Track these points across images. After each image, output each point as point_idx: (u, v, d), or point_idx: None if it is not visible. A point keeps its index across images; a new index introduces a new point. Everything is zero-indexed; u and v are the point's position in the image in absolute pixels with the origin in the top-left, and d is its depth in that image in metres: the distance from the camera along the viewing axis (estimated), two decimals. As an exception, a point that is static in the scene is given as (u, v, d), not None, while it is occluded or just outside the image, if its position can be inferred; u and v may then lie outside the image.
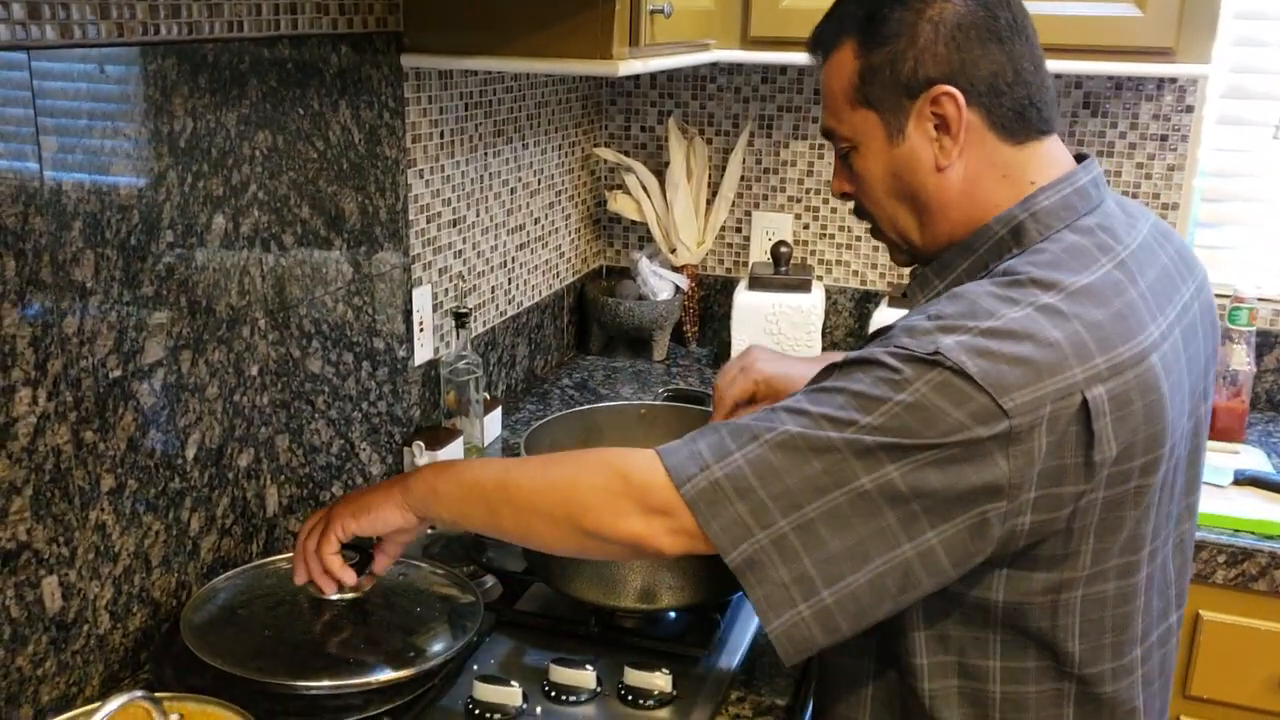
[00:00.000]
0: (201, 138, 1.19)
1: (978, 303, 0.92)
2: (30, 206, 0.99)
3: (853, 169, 1.07)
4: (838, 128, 1.06)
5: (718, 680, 1.18)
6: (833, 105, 1.06)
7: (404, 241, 1.61)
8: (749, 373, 1.35)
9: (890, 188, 1.05)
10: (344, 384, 1.50)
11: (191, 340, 1.21)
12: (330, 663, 1.07)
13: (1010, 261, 0.98)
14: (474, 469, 1.06)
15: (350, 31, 1.43)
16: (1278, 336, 2.01)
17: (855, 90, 1.03)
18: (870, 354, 0.91)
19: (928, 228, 1.05)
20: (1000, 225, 1.01)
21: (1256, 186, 2.05)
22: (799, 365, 1.38)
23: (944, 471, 0.87)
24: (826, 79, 1.07)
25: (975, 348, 0.88)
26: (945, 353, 0.87)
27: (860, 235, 2.25)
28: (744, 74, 2.24)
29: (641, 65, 1.48)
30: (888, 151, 1.03)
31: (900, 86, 1.00)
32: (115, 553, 1.13)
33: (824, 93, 1.08)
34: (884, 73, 1.01)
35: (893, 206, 1.06)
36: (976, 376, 0.86)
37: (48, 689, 1.07)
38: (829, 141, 1.10)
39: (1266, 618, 1.58)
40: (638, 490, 0.95)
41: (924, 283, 1.06)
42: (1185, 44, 1.68)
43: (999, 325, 0.89)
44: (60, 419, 1.04)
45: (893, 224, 1.07)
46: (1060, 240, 0.98)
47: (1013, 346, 0.88)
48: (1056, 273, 0.93)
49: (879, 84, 1.01)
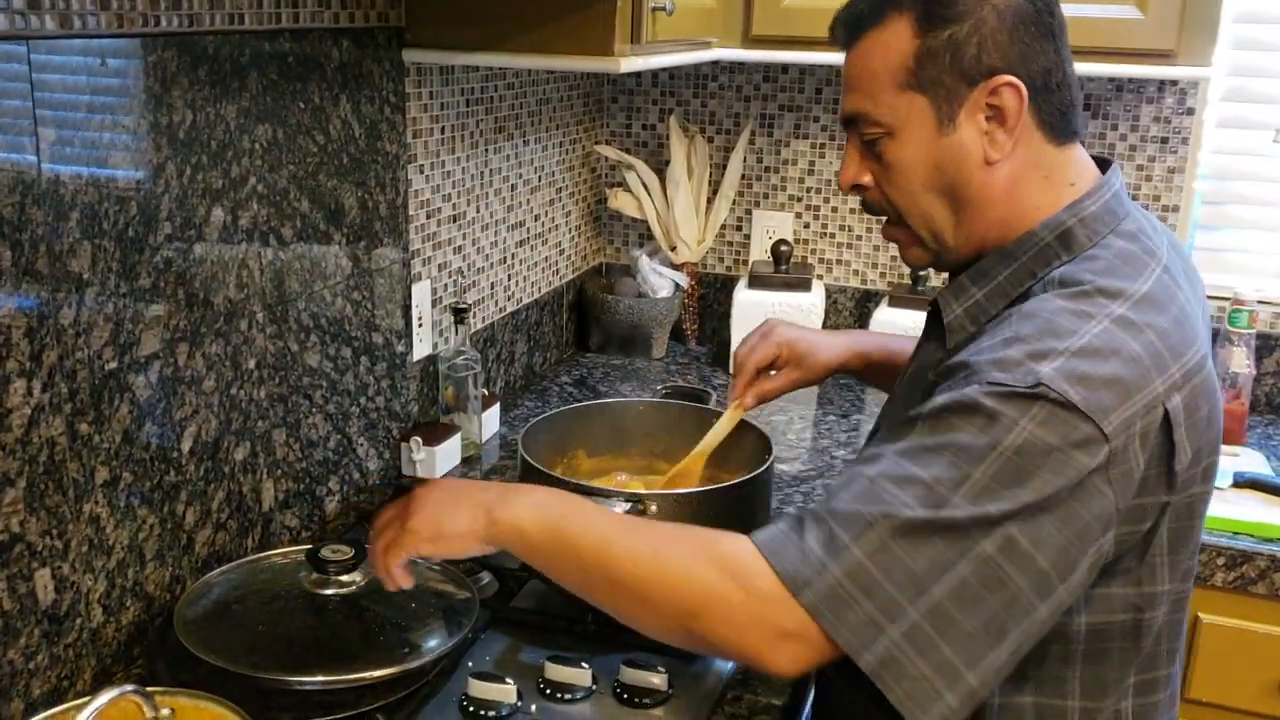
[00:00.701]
0: (201, 130, 1.19)
1: (1055, 320, 0.88)
2: (27, 197, 0.99)
3: (881, 158, 1.00)
4: (871, 111, 0.98)
5: (714, 679, 1.18)
6: (868, 86, 0.98)
7: (404, 237, 1.61)
8: (770, 337, 1.34)
9: (930, 179, 0.98)
10: (342, 379, 1.50)
11: (188, 333, 1.20)
12: (324, 658, 1.07)
13: (1064, 269, 0.94)
14: (571, 522, 0.95)
15: (352, 26, 1.43)
16: (1278, 339, 2.00)
17: (907, 72, 0.96)
18: (965, 398, 0.85)
19: (963, 225, 0.99)
20: (1048, 232, 0.97)
21: (1257, 189, 2.05)
22: (819, 334, 1.38)
23: (1059, 517, 0.83)
24: (862, 57, 0.99)
25: (1073, 374, 0.84)
26: (1048, 384, 0.83)
27: (861, 235, 2.24)
28: (745, 73, 2.24)
29: (643, 63, 1.47)
30: (934, 141, 0.97)
31: (961, 72, 0.95)
32: (109, 546, 1.12)
33: (854, 72, 1.00)
34: (943, 56, 0.95)
35: (928, 200, 0.99)
36: (1080, 405, 0.83)
37: (39, 682, 1.06)
38: (849, 128, 1.02)
39: (1266, 621, 1.58)
40: (755, 603, 0.86)
41: (960, 291, 1.01)
42: (1186, 46, 1.68)
43: (1085, 344, 0.86)
44: (55, 410, 1.04)
45: (925, 219, 1.00)
46: (1110, 246, 0.95)
47: (1103, 366, 0.84)
48: (1118, 280, 0.91)
49: (936, 67, 0.95)
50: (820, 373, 1.36)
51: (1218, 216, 2.10)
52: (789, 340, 1.34)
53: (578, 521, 0.95)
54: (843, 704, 1.16)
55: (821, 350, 1.36)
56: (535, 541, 0.97)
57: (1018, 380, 0.84)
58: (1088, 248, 0.96)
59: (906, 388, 1.09)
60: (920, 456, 0.85)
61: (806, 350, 1.34)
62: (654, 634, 0.94)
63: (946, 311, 1.02)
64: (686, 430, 1.45)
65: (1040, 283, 0.96)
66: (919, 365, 1.09)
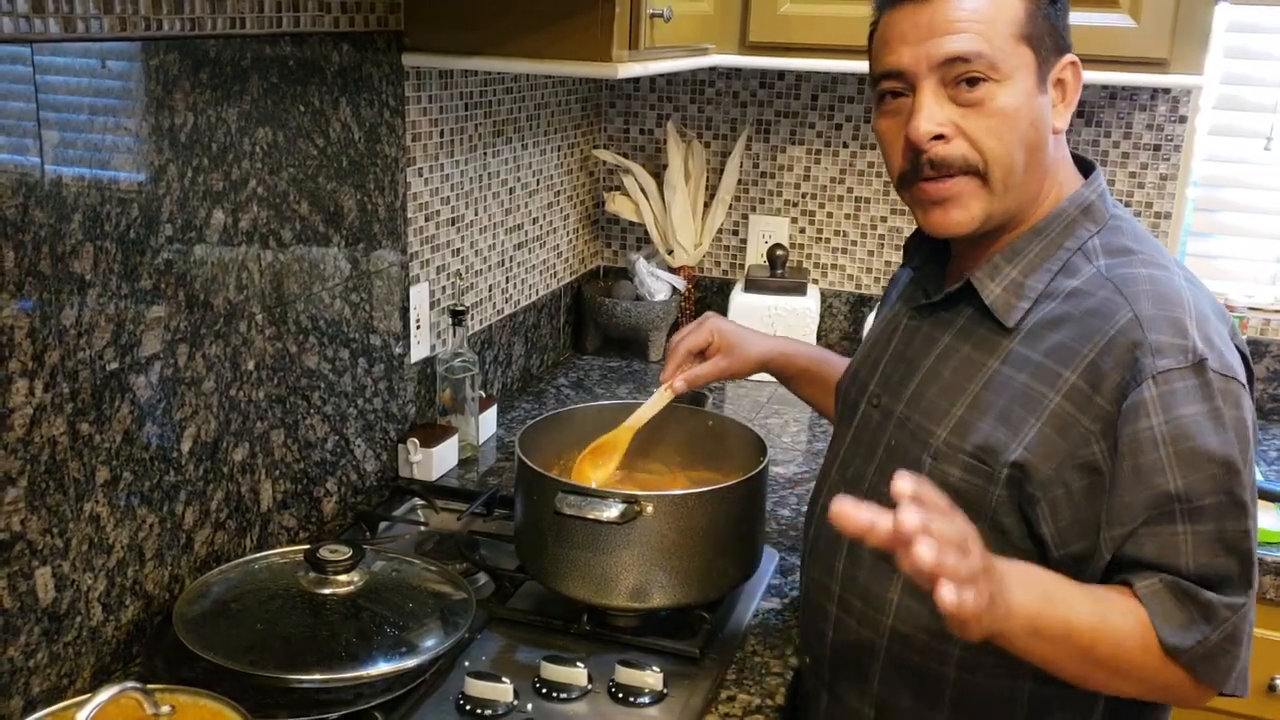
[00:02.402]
0: (202, 133, 1.20)
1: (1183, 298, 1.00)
2: (30, 199, 0.99)
3: (982, 104, 1.00)
4: (987, 51, 0.99)
5: (708, 679, 1.19)
6: (985, 29, 0.99)
7: (402, 239, 1.62)
8: (704, 325, 1.39)
9: (1025, 132, 1.01)
10: (340, 380, 1.50)
11: (189, 334, 1.21)
12: (322, 657, 1.08)
13: (1101, 239, 1.05)
14: (1071, 625, 0.92)
15: (351, 30, 1.44)
16: (1267, 346, 2.02)
17: (1022, 24, 1.01)
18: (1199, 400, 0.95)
19: (1027, 186, 1.04)
20: (1074, 207, 1.06)
21: (1248, 196, 2.07)
22: (752, 331, 1.43)
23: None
24: (975, 0, 1.00)
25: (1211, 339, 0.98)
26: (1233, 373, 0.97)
27: (856, 240, 2.26)
28: (742, 79, 2.25)
29: (640, 68, 1.48)
30: (1034, 96, 1.02)
31: (1057, 40, 1.03)
32: (109, 545, 1.13)
33: (968, 13, 0.99)
34: (1050, 20, 1.03)
35: (1018, 153, 1.01)
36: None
37: (39, 680, 1.07)
38: (939, 71, 1.00)
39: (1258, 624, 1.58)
40: (1171, 691, 0.97)
41: (994, 271, 1.06)
42: (1179, 55, 1.69)
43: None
44: (57, 410, 1.05)
45: (1010, 170, 1.02)
46: (1122, 218, 1.08)
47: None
48: (1151, 246, 1.06)
49: (1044, 30, 1.02)
50: (747, 366, 1.41)
51: (1209, 224, 2.11)
52: (720, 330, 1.39)
53: (1065, 615, 0.93)
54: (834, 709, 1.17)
55: (751, 345, 1.41)
56: (1039, 644, 0.93)
57: (1181, 361, 0.95)
58: (1107, 219, 1.06)
59: (947, 377, 1.08)
60: (1210, 495, 0.94)
61: (736, 342, 1.39)
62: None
63: (986, 293, 1.06)
64: (682, 432, 1.46)
65: (1078, 253, 1.05)
66: (949, 353, 1.09)
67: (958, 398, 1.05)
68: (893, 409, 1.12)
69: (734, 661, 1.23)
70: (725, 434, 1.42)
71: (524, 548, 1.32)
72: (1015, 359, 1.03)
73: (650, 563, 1.20)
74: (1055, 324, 1.01)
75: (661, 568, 1.21)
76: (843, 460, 1.19)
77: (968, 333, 1.08)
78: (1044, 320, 1.02)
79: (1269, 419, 2.04)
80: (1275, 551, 1.57)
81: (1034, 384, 1.00)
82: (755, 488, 1.28)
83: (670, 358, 1.39)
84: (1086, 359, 0.98)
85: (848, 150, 2.22)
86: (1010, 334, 1.04)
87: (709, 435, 1.44)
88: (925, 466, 1.05)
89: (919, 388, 1.10)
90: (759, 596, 1.37)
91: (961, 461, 1.03)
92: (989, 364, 1.04)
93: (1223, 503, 0.93)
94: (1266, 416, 2.04)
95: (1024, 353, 1.02)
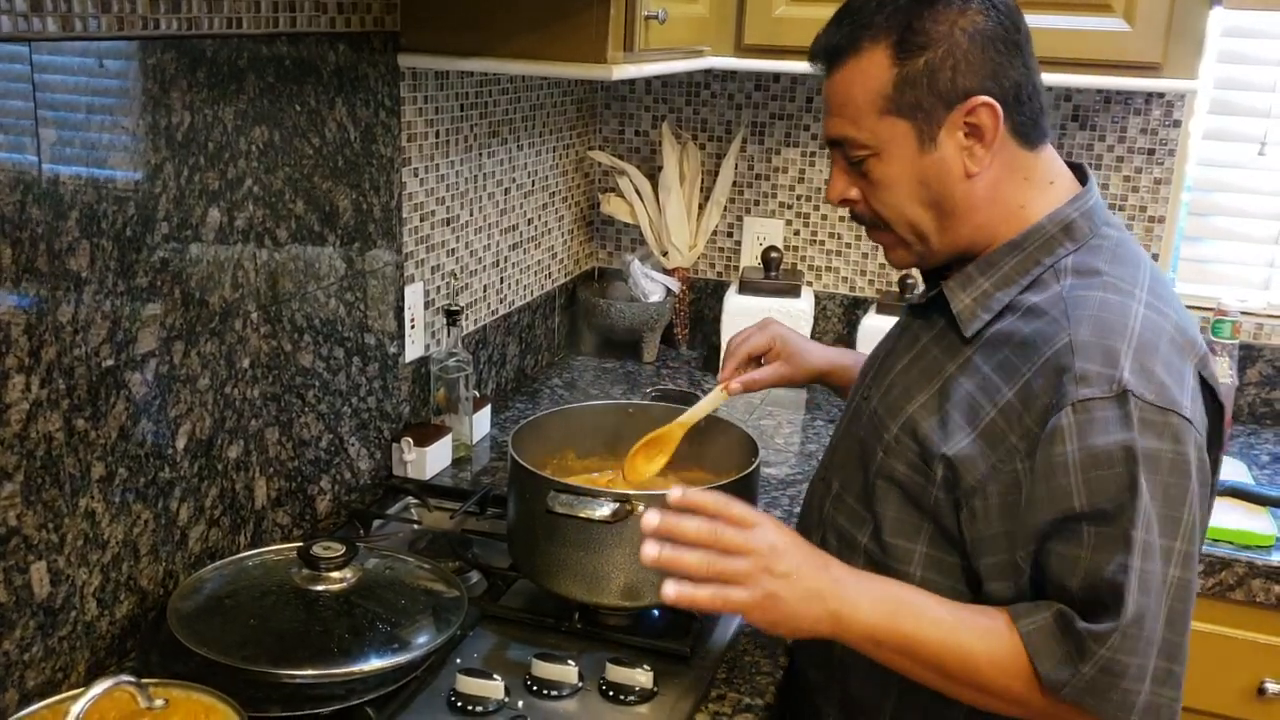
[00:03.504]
0: (198, 132, 1.20)
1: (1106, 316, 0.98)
2: (28, 196, 1.00)
3: (868, 176, 1.05)
4: (855, 135, 1.04)
5: (699, 677, 1.20)
6: (850, 112, 1.03)
7: (397, 239, 1.63)
8: (766, 330, 1.40)
9: (914, 193, 1.04)
10: (334, 379, 1.51)
11: (184, 332, 1.22)
12: (315, 652, 1.08)
13: (1075, 258, 1.03)
14: (906, 624, 0.97)
15: (348, 30, 1.45)
16: (1260, 350, 2.03)
17: (886, 99, 1.01)
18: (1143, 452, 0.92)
19: (948, 231, 1.06)
20: (1053, 225, 1.05)
21: (1241, 201, 2.08)
22: (811, 341, 1.44)
23: (1202, 510, 0.98)
24: (842, 85, 1.04)
25: (1145, 370, 0.96)
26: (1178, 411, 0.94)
27: (850, 242, 2.27)
28: (737, 81, 2.26)
29: (636, 70, 1.49)
30: (917, 160, 1.02)
31: (938, 96, 1.00)
32: (104, 540, 1.14)
33: (837, 99, 1.05)
34: (921, 82, 1.00)
35: (914, 212, 1.05)
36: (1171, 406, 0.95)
37: (33, 674, 1.07)
38: (835, 149, 1.07)
39: (1243, 627, 1.60)
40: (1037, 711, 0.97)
41: (967, 282, 1.07)
42: (1173, 59, 1.70)
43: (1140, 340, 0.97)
44: (53, 406, 1.05)
45: (911, 228, 1.07)
46: (1107, 236, 1.05)
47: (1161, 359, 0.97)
48: (1125, 267, 1.03)
49: (915, 92, 1.00)
50: (805, 374, 1.42)
51: (1203, 228, 2.12)
52: (782, 336, 1.40)
53: (911, 628, 0.97)
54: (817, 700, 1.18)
55: (811, 353, 1.42)
56: (885, 657, 0.99)
57: (1104, 391, 0.93)
58: (1089, 238, 1.04)
59: (913, 375, 1.10)
60: (1098, 540, 0.93)
61: (796, 350, 1.40)
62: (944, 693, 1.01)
63: (955, 302, 1.07)
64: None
65: (1050, 270, 1.03)
66: (923, 353, 1.11)
67: (915, 396, 1.08)
68: (871, 401, 1.15)
69: (724, 660, 1.24)
70: (718, 435, 1.43)
71: (516, 546, 1.32)
72: (968, 367, 1.04)
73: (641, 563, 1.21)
74: (1007, 339, 1.02)
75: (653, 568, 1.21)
76: (832, 448, 1.23)
77: (940, 336, 1.10)
78: (999, 334, 1.03)
79: (1261, 423, 2.05)
80: (1264, 555, 1.58)
81: (977, 394, 1.01)
82: (747, 488, 1.29)
83: (729, 359, 1.39)
84: (1024, 378, 0.98)
85: (843, 153, 2.23)
86: (970, 343, 1.05)
87: (701, 436, 1.44)
88: (877, 459, 1.09)
89: (890, 384, 1.13)
90: (750, 596, 1.37)
91: (906, 458, 1.06)
92: (947, 368, 1.06)
93: (1113, 536, 0.92)
94: (1259, 421, 2.05)
95: (977, 362, 1.04)
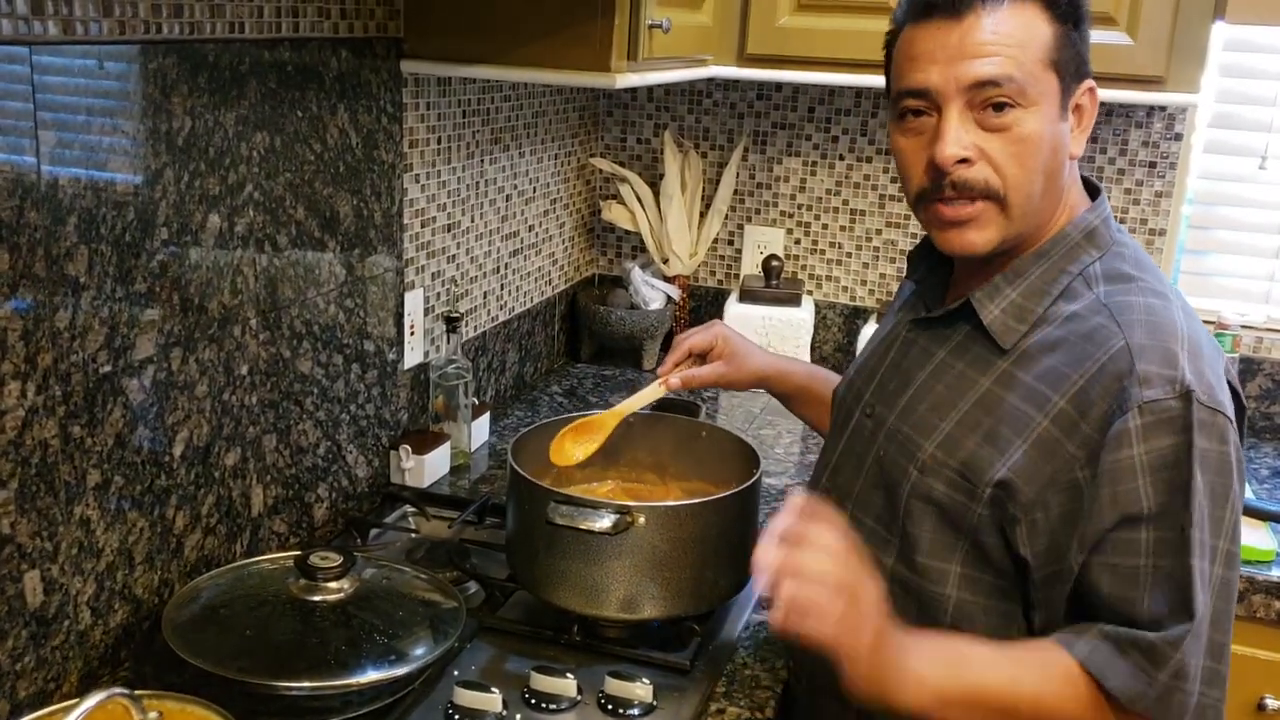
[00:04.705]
0: (199, 137, 1.19)
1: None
2: (26, 200, 0.99)
3: (1009, 129, 0.99)
4: (1018, 76, 0.98)
5: (698, 691, 1.19)
6: (1016, 53, 0.99)
7: (398, 245, 1.62)
8: (711, 329, 1.41)
9: (1047, 158, 1.01)
10: (333, 385, 1.50)
11: (182, 338, 1.21)
12: (311, 664, 1.07)
13: (1102, 264, 1.04)
14: (983, 690, 0.95)
15: (351, 36, 1.44)
16: (1260, 364, 2.03)
17: (1050, 49, 1.00)
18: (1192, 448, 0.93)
19: (1042, 211, 1.05)
20: (1077, 232, 1.06)
21: (1242, 214, 2.08)
22: (756, 346, 1.45)
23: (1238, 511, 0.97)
24: (1007, 24, 0.99)
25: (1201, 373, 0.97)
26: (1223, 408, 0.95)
27: (850, 252, 2.26)
28: (739, 90, 2.25)
29: (639, 79, 1.49)
30: (1056, 123, 1.02)
31: (1077, 67, 1.02)
32: (99, 548, 1.13)
33: (998, 39, 0.98)
34: (1073, 49, 1.02)
35: (1038, 179, 1.02)
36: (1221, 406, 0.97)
37: (25, 684, 1.06)
38: (966, 94, 0.99)
39: (1243, 643, 1.59)
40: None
41: (994, 293, 1.06)
42: (1175, 73, 1.70)
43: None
44: (49, 413, 1.04)
45: (1029, 196, 1.02)
46: (1125, 243, 1.07)
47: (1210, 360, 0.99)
48: (1151, 273, 1.05)
49: (1067, 54, 1.01)
50: (746, 377, 1.43)
51: (1204, 241, 2.12)
52: (725, 336, 1.41)
53: (976, 675, 0.96)
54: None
55: (753, 357, 1.43)
56: (950, 711, 0.96)
57: (1167, 393, 0.94)
58: (1111, 245, 1.06)
59: (940, 391, 1.08)
60: (1157, 545, 0.93)
61: (738, 351, 1.41)
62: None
63: (984, 314, 1.06)
64: (675, 443, 1.46)
65: (1078, 278, 1.04)
66: (945, 368, 1.09)
67: (948, 413, 1.05)
68: (885, 420, 1.13)
69: (724, 674, 1.23)
70: (718, 445, 1.42)
71: (515, 557, 1.31)
72: (1007, 380, 1.03)
73: (641, 574, 1.20)
74: (1050, 348, 1.01)
75: (653, 579, 1.21)
76: (834, 468, 1.19)
77: (963, 350, 1.08)
78: (1039, 344, 1.02)
79: (1261, 437, 2.04)
80: (1265, 570, 1.57)
81: (1023, 406, 1.00)
82: (748, 500, 1.28)
83: (670, 353, 1.41)
84: (1076, 385, 0.98)
85: (844, 163, 2.23)
86: (1005, 354, 1.04)
87: (702, 446, 1.44)
88: (911, 479, 1.06)
89: (911, 401, 1.10)
90: (750, 609, 1.37)
91: (946, 477, 1.03)
92: (981, 382, 1.05)
93: (1175, 538, 0.93)
94: (1259, 435, 2.05)
95: (1016, 374, 1.02)
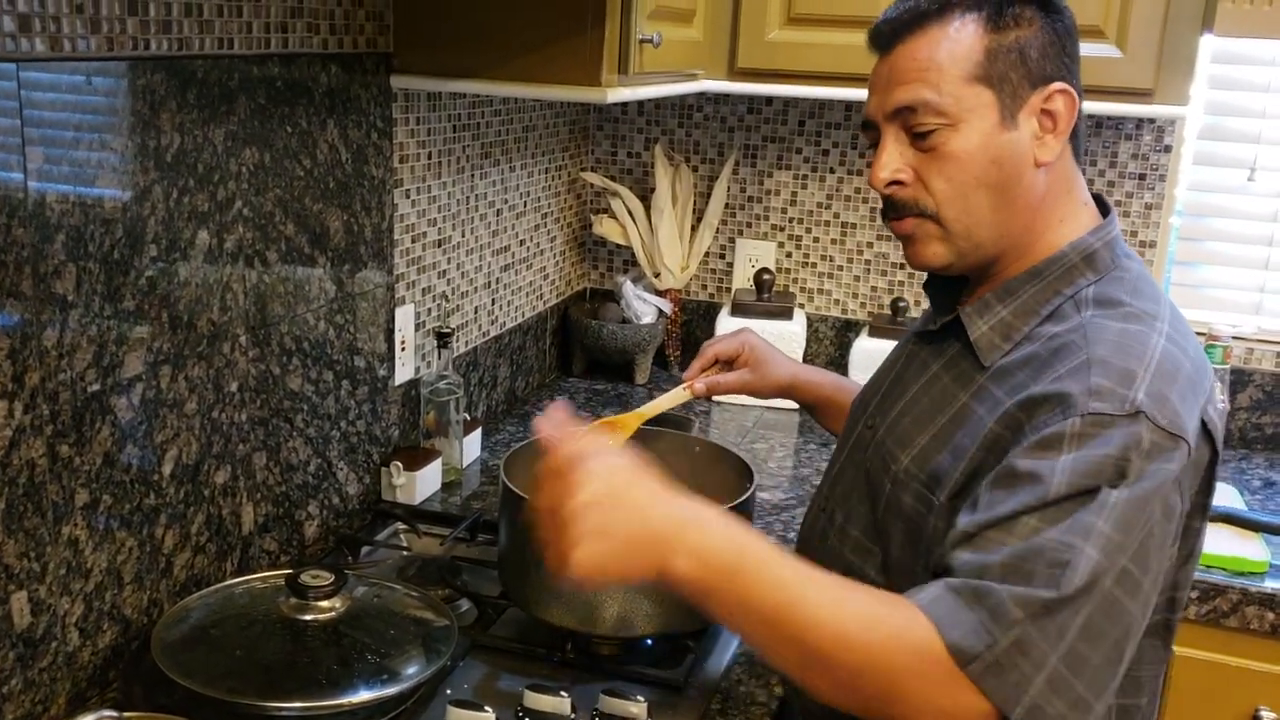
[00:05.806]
0: (188, 153, 1.19)
1: (1125, 342, 0.95)
2: (13, 218, 0.98)
3: (935, 150, 1.01)
4: (936, 100, 1.00)
5: (693, 708, 1.18)
6: (932, 76, 1.00)
7: (388, 261, 1.61)
8: (738, 336, 1.42)
9: (984, 173, 1.01)
10: (323, 402, 1.49)
11: (171, 355, 1.20)
12: (302, 684, 1.06)
13: (1096, 289, 1.01)
14: (761, 581, 0.87)
15: (340, 51, 1.44)
16: (1250, 375, 2.03)
17: (976, 64, 1.00)
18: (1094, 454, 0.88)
19: (999, 225, 1.03)
20: (1075, 254, 1.03)
21: (1232, 226, 2.09)
22: (783, 355, 1.45)
23: (1158, 537, 0.89)
24: (925, 48, 1.01)
25: (1159, 394, 0.91)
26: (1146, 409, 0.90)
27: (842, 265, 2.26)
28: (730, 104, 2.26)
29: (630, 93, 1.49)
30: (995, 135, 1.00)
31: (1026, 73, 1.00)
32: (87, 569, 1.12)
33: (915, 63, 1.01)
34: (1011, 56, 1.00)
35: (976, 195, 1.02)
36: (1168, 426, 0.91)
37: (12, 707, 1.05)
38: (892, 123, 1.03)
39: (1238, 654, 1.59)
40: (935, 686, 0.85)
41: (985, 309, 1.05)
42: (1164, 85, 1.71)
43: (1158, 364, 0.94)
44: (36, 432, 1.03)
45: (965, 213, 1.02)
46: (1128, 269, 1.04)
47: (1173, 384, 0.93)
48: (1148, 302, 1.00)
49: (1004, 64, 1.00)
50: (771, 386, 1.43)
51: (1193, 252, 2.13)
52: (752, 345, 1.42)
53: (758, 570, 0.87)
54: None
55: (779, 366, 1.44)
56: (719, 599, 0.88)
57: (1116, 408, 0.89)
58: (1111, 269, 1.03)
59: (923, 405, 1.08)
60: (1053, 517, 0.87)
61: (764, 359, 1.42)
62: (836, 704, 0.90)
63: (972, 329, 1.06)
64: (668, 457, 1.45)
65: (1070, 300, 1.02)
66: (934, 382, 1.09)
67: (926, 427, 1.06)
68: (878, 431, 1.13)
69: (719, 691, 1.22)
70: (711, 459, 1.42)
71: (507, 574, 1.31)
72: (982, 395, 1.02)
73: (635, 590, 1.19)
74: (1023, 364, 1.00)
75: (646, 595, 1.20)
76: (834, 479, 1.20)
77: (953, 364, 1.08)
78: (1015, 360, 1.01)
79: (1252, 448, 2.05)
80: (1258, 582, 1.57)
81: (987, 418, 0.99)
82: (741, 514, 1.28)
83: (699, 357, 1.41)
84: (1030, 392, 0.95)
85: (834, 176, 2.23)
86: (985, 371, 1.04)
87: (695, 460, 1.43)
88: (886, 491, 1.07)
89: (899, 413, 1.11)
90: (744, 624, 1.36)
91: (914, 490, 1.04)
92: (960, 397, 1.05)
93: (1073, 522, 0.87)
94: (1250, 445, 2.05)
95: (991, 389, 1.02)
